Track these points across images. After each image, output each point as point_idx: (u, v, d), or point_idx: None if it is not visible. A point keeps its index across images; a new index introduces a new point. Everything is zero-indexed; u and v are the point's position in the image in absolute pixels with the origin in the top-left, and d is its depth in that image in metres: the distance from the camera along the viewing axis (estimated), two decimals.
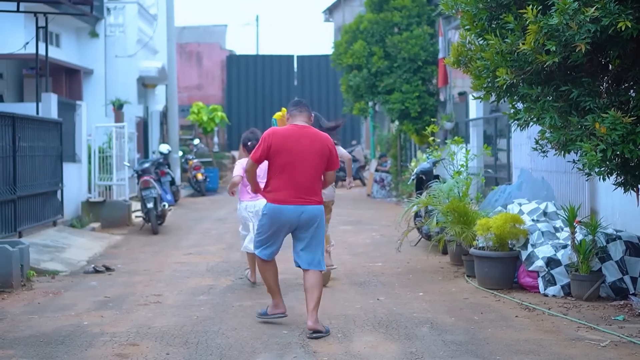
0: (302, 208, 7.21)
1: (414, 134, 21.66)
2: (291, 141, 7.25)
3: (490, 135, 16.98)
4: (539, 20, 6.47)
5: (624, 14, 6.17)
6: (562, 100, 7.04)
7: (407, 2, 21.50)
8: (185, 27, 42.12)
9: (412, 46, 21.10)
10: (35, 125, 13.96)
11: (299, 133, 7.32)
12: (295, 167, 7.19)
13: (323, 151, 7.32)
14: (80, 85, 22.36)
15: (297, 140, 7.26)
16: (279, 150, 7.21)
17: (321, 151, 7.30)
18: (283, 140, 7.26)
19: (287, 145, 7.23)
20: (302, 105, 7.59)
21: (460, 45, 7.98)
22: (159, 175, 18.74)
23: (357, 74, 21.79)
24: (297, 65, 38.69)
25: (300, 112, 7.51)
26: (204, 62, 39.22)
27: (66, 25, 22.02)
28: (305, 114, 7.52)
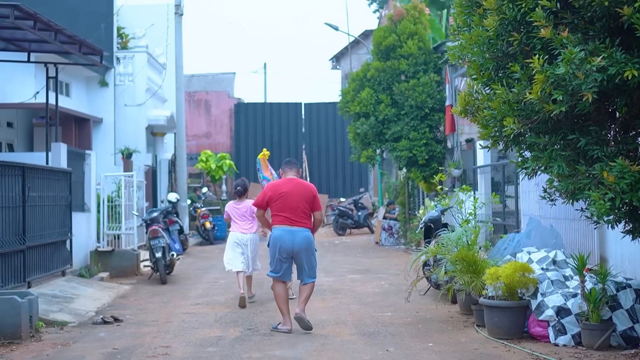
0: (295, 230, 9.80)
1: (421, 181, 21.67)
2: (284, 191, 9.90)
3: (498, 182, 16.96)
4: (546, 70, 6.50)
5: (631, 62, 6.21)
6: (569, 148, 7.06)
7: (414, 50, 21.64)
8: (194, 75, 42.41)
9: (419, 94, 21.20)
10: (44, 175, 14.01)
11: (289, 184, 9.99)
12: (288, 208, 9.82)
13: (308, 195, 9.95)
14: (89, 133, 22.50)
15: (288, 189, 9.91)
16: (276, 198, 9.90)
17: (306, 195, 9.93)
18: (277, 190, 9.95)
19: (281, 194, 9.89)
20: (292, 163, 10.32)
21: (467, 95, 8.03)
22: (168, 224, 18.74)
23: (364, 121, 21.87)
24: (304, 113, 38.83)
25: (290, 169, 10.25)
26: (212, 110, 39.43)
27: (76, 75, 22.22)
28: (294, 169, 10.24)
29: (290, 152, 37.57)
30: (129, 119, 23.93)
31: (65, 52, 15.46)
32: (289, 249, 9.80)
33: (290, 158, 10.75)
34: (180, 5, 26.09)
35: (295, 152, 37.61)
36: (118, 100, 23.94)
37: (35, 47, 15.44)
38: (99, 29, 23.16)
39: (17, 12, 12.16)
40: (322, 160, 38.05)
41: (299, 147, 37.93)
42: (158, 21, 27.25)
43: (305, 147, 38.05)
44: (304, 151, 37.86)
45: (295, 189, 9.93)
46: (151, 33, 26.79)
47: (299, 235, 9.81)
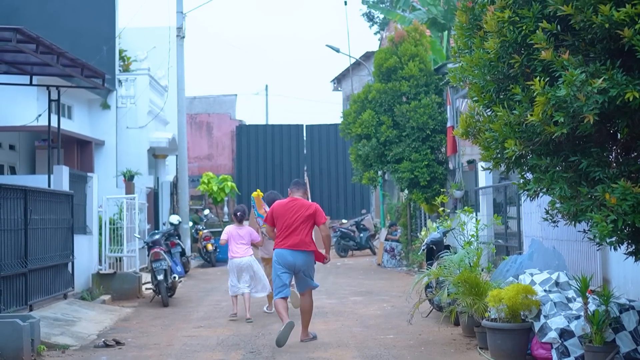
0: (297, 252, 10.62)
1: (423, 203, 21.66)
2: (288, 209, 10.75)
3: (500, 203, 16.94)
4: (547, 92, 6.51)
5: (632, 84, 6.21)
6: (571, 170, 7.05)
7: (415, 72, 21.69)
8: (196, 97, 42.56)
9: (421, 115, 21.23)
10: (46, 197, 14.02)
11: (292, 203, 10.81)
12: (291, 226, 10.63)
13: (309, 213, 10.70)
14: (91, 156, 22.55)
15: (291, 208, 10.75)
16: (279, 216, 10.75)
17: (308, 213, 10.69)
18: (282, 209, 10.81)
19: (285, 212, 10.74)
20: (299, 184, 11.12)
21: (468, 117, 8.04)
22: (169, 246, 18.73)
23: (366, 143, 21.89)
24: (306, 135, 38.92)
25: (297, 189, 11.02)
26: (214, 132, 39.52)
27: (78, 97, 22.29)
28: (301, 190, 11.01)
29: (292, 173, 37.60)
30: (131, 141, 23.99)
31: (68, 75, 15.51)
32: (291, 264, 10.66)
33: (298, 179, 11.69)
34: (182, 28, 26.18)
35: (297, 173, 37.64)
36: (120, 123, 24.02)
37: (38, 70, 15.49)
38: (101, 51, 23.25)
39: (20, 35, 12.21)
40: (324, 182, 38.10)
41: (300, 168, 37.98)
42: (160, 44, 27.39)
43: (307, 168, 38.10)
44: (305, 173, 37.90)
45: (297, 208, 10.76)
46: (153, 55, 26.92)
47: (299, 257, 10.65)
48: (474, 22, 7.86)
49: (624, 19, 6.09)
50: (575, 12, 6.37)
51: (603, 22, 6.19)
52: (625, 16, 6.09)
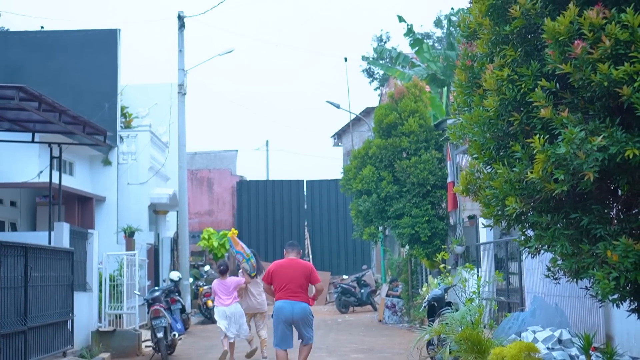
0: (294, 303, 11.23)
1: (424, 259, 21.60)
2: (285, 268, 11.43)
3: (501, 259, 16.90)
4: (547, 150, 6.53)
5: (631, 142, 6.24)
6: (572, 227, 7.05)
7: (415, 128, 21.79)
8: (197, 152, 42.68)
9: (421, 171, 21.28)
10: (47, 254, 13.98)
11: (289, 263, 11.51)
12: (288, 283, 11.27)
13: (305, 272, 11.43)
14: (92, 212, 22.54)
15: (288, 267, 11.43)
16: (277, 275, 11.40)
17: (304, 273, 11.41)
18: (279, 268, 11.47)
19: (282, 271, 11.41)
20: (294, 246, 11.87)
21: (468, 174, 8.06)
22: (170, 303, 18.62)
23: (366, 198, 21.90)
24: (306, 190, 38.94)
25: (292, 250, 11.75)
26: (214, 187, 39.56)
27: (80, 154, 22.37)
28: (295, 250, 11.76)
29: (293, 228, 37.57)
30: (132, 197, 24.01)
31: (70, 133, 15.58)
32: (289, 318, 11.21)
33: (292, 241, 12.49)
34: (183, 84, 26.37)
35: (298, 228, 37.60)
36: (121, 179, 24.06)
37: (40, 127, 15.56)
38: (103, 108, 23.41)
39: (22, 93, 12.28)
40: (324, 237, 38.02)
41: (301, 223, 37.94)
42: (161, 100, 27.55)
43: (307, 223, 38.05)
44: (306, 228, 37.84)
45: (294, 267, 11.47)
46: (155, 112, 27.08)
47: (297, 306, 11.24)
48: (473, 80, 7.92)
49: (622, 77, 6.14)
50: (574, 71, 6.42)
51: (602, 81, 6.24)
52: (623, 74, 6.14)
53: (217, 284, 15.18)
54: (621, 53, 6.23)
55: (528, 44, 7.30)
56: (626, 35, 6.20)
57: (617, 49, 6.24)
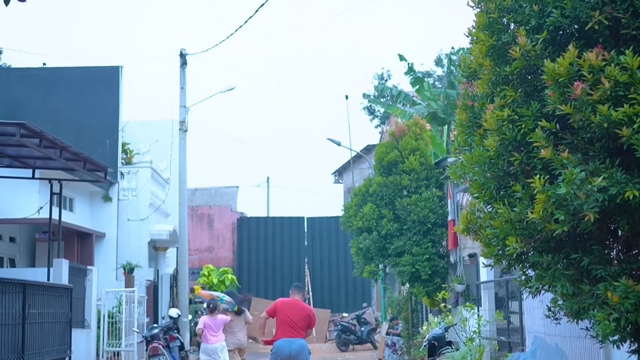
0: (292, 340, 11.70)
1: (425, 297, 21.50)
2: (288, 307, 11.93)
3: (502, 298, 16.82)
4: (547, 190, 6.53)
5: (631, 183, 6.24)
6: (572, 268, 7.03)
7: (416, 166, 21.81)
8: (198, 189, 42.67)
9: (422, 209, 21.26)
10: (45, 291, 13.95)
11: (293, 303, 12.04)
12: (288, 322, 11.79)
13: (305, 316, 11.96)
14: (92, 248, 22.51)
15: (291, 307, 11.94)
16: (280, 311, 11.91)
17: (304, 315, 11.94)
18: (284, 305, 11.98)
19: (286, 309, 11.90)
20: (300, 288, 12.51)
21: (469, 213, 8.05)
22: (168, 340, 18.53)
23: (367, 236, 21.86)
24: (307, 227, 38.87)
25: (298, 292, 12.33)
26: (215, 224, 39.51)
27: (80, 190, 22.38)
28: (300, 293, 12.35)
29: (293, 265, 37.47)
30: (132, 234, 23.98)
31: (70, 169, 15.61)
32: (287, 354, 11.67)
33: (298, 283, 13.34)
34: (184, 121, 26.43)
35: (298, 265, 37.50)
36: (121, 215, 24.06)
37: (40, 163, 15.60)
38: (104, 144, 23.48)
39: (24, 130, 12.34)
40: (324, 274, 37.89)
41: (301, 260, 37.85)
42: (163, 137, 27.64)
43: (307, 260, 37.95)
44: (306, 265, 37.75)
45: (298, 308, 12.03)
46: (156, 148, 27.14)
47: (295, 343, 11.74)
48: (473, 119, 7.94)
49: (622, 119, 6.16)
50: (574, 112, 6.44)
51: (602, 122, 6.26)
52: (623, 115, 6.16)
53: (206, 321, 15.38)
54: (621, 95, 6.26)
55: (528, 84, 7.33)
56: (625, 77, 6.22)
57: (616, 91, 6.27)
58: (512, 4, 7.43)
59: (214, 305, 15.58)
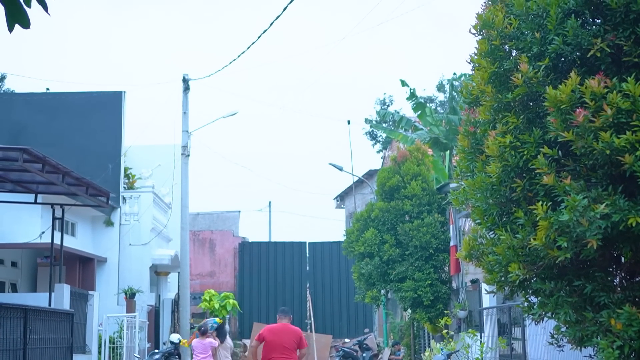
0: None
1: (427, 323, 21.43)
2: (276, 331, 12.10)
3: (504, 324, 16.76)
4: (549, 217, 6.52)
5: (634, 210, 6.23)
6: (575, 295, 7.01)
7: (418, 191, 21.81)
8: (200, 213, 42.67)
9: (424, 234, 21.24)
10: (47, 316, 13.92)
11: (281, 327, 12.20)
12: (279, 345, 11.90)
13: (295, 337, 12.11)
14: (93, 273, 22.46)
15: (280, 331, 12.11)
16: (269, 337, 12.01)
17: (293, 337, 12.08)
18: (272, 331, 12.16)
19: (275, 335, 12.04)
20: (285, 312, 12.59)
21: (471, 240, 8.03)
22: None
23: (368, 262, 21.82)
24: (309, 252, 38.81)
25: (285, 316, 12.46)
26: (216, 249, 39.47)
27: (82, 214, 22.37)
28: (287, 317, 12.48)
29: (295, 290, 37.37)
30: (133, 259, 23.95)
31: (72, 194, 15.62)
32: None
33: (284, 307, 13.36)
34: (187, 146, 26.46)
35: (300, 290, 37.40)
36: (123, 240, 24.04)
37: (43, 188, 15.62)
38: (107, 169, 23.51)
39: (26, 155, 12.35)
40: (326, 299, 37.79)
41: (303, 285, 37.74)
42: (165, 161, 27.66)
43: (309, 285, 37.83)
44: (308, 290, 37.60)
45: (286, 332, 12.23)
46: (158, 173, 27.16)
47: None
48: (475, 146, 7.95)
49: (624, 146, 6.16)
50: (576, 139, 6.44)
51: (604, 149, 6.26)
52: (625, 143, 6.16)
53: (196, 343, 16.27)
54: (623, 122, 6.26)
55: (530, 111, 7.34)
56: (627, 104, 6.24)
57: (618, 118, 6.28)
58: (514, 32, 7.46)
59: (205, 329, 16.53)
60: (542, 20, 7.19)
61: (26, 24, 4.47)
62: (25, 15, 4.43)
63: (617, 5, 6.69)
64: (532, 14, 7.26)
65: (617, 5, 6.68)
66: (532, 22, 7.26)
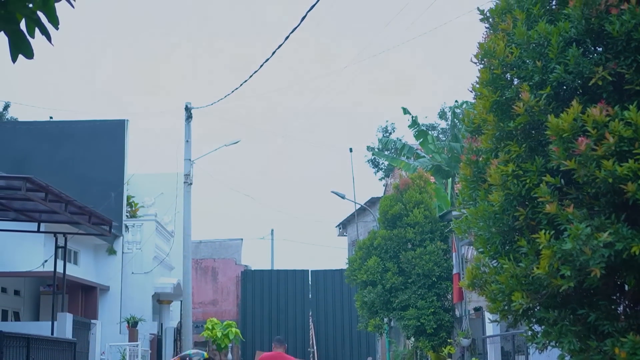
0: None
1: (430, 351, 21.33)
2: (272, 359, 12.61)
3: (508, 352, 16.70)
4: (552, 245, 6.51)
5: (637, 238, 6.22)
6: (579, 323, 6.98)
7: (420, 219, 21.80)
8: (202, 241, 42.66)
9: (426, 262, 21.20)
10: (49, 345, 13.89)
11: (276, 356, 12.61)
12: None
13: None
14: (96, 301, 22.42)
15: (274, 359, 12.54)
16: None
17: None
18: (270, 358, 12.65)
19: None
20: (281, 341, 13.04)
21: (474, 268, 8.02)
22: None
23: (371, 290, 21.78)
24: (311, 280, 38.72)
25: (280, 345, 12.87)
26: (219, 277, 39.42)
27: (85, 243, 22.37)
28: (282, 346, 12.92)
29: (297, 318, 37.24)
30: (136, 287, 23.93)
31: (75, 223, 15.63)
32: None
33: (279, 336, 13.87)
34: (189, 174, 26.50)
35: (302, 318, 37.28)
36: (125, 268, 24.02)
37: (46, 217, 15.63)
38: (110, 197, 23.54)
39: (29, 184, 12.38)
40: (329, 327, 37.66)
41: (305, 313, 37.63)
42: (167, 189, 27.69)
43: (312, 313, 37.74)
44: (310, 318, 37.52)
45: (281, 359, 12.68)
46: (160, 201, 27.19)
47: None
48: (478, 174, 7.95)
49: (627, 174, 6.16)
50: (579, 167, 6.45)
51: (606, 177, 6.26)
52: (628, 171, 6.16)
53: None
54: (625, 150, 6.27)
55: (532, 139, 7.34)
56: (630, 133, 6.24)
57: (621, 146, 6.28)
58: (515, 60, 7.49)
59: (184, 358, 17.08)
60: (543, 49, 7.21)
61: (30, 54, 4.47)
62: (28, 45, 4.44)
63: (618, 34, 6.71)
64: (533, 42, 7.28)
65: (618, 33, 6.71)
66: (533, 51, 7.29)
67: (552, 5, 7.60)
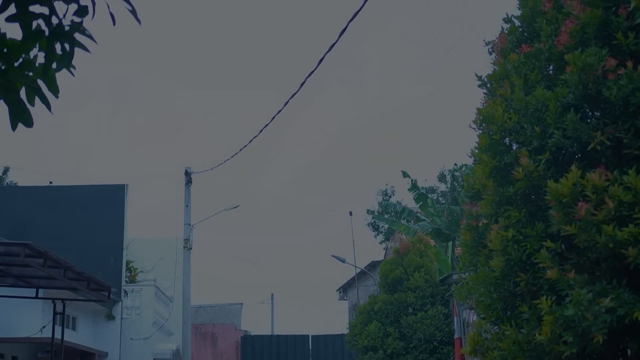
0: None
1: None
2: None
3: None
4: (554, 311, 6.47)
5: (639, 303, 6.19)
6: None
7: (421, 283, 21.69)
8: (202, 306, 42.39)
9: (428, 326, 21.03)
10: None
11: None
12: None
13: None
14: None
15: None
16: None
17: None
18: None
19: None
20: None
21: (476, 335, 7.96)
22: None
23: (372, 355, 21.55)
24: (312, 345, 38.36)
25: None
26: (218, 342, 39.06)
27: (83, 308, 22.22)
28: None
29: None
30: (135, 353, 23.71)
31: (74, 289, 15.56)
32: None
33: None
34: (189, 239, 26.44)
35: None
36: (124, 334, 23.81)
37: (44, 283, 15.57)
38: (109, 262, 23.46)
39: (28, 250, 12.35)
40: None
41: None
42: (167, 254, 27.60)
43: None
44: None
45: None
46: (160, 266, 27.09)
47: None
48: (478, 239, 7.94)
49: (627, 239, 6.16)
50: (579, 232, 6.44)
51: (607, 242, 6.25)
52: (628, 236, 6.15)
53: None
54: (625, 215, 6.27)
55: (532, 204, 7.35)
56: (629, 197, 6.25)
57: (620, 211, 6.28)
58: (513, 125, 7.53)
59: None
60: (541, 114, 7.26)
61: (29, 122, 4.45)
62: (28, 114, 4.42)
63: (615, 98, 6.76)
64: (531, 108, 7.33)
65: (615, 98, 6.75)
66: (531, 116, 7.33)
67: (550, 71, 7.68)
